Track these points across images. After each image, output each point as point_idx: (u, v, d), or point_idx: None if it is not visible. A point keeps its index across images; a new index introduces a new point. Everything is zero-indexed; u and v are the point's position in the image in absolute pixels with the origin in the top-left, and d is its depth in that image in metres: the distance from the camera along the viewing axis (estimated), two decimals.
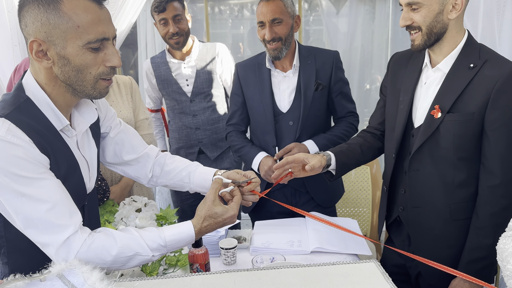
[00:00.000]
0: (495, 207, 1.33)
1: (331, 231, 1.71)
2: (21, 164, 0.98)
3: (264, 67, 2.01)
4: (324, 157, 1.56)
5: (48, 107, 1.06)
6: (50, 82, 1.06)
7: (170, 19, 2.22)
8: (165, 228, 1.15)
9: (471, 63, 1.35)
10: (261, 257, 1.49)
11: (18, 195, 0.98)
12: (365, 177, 2.53)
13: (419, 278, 1.57)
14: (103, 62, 1.05)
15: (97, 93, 1.08)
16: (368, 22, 3.43)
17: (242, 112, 2.10)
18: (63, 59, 1.01)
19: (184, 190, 1.43)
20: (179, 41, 2.28)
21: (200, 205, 1.20)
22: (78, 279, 0.92)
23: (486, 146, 1.34)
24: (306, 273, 1.08)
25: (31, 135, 1.01)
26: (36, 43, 1.00)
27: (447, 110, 1.36)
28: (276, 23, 1.88)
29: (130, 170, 1.39)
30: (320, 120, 2.04)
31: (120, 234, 1.08)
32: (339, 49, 3.38)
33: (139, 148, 1.38)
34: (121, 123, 1.37)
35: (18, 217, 1.01)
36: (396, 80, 1.57)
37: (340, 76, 2.02)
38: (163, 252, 1.13)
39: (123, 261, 1.07)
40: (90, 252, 1.03)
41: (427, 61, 1.46)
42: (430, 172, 1.43)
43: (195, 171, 1.39)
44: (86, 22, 0.99)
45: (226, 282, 1.05)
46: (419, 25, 1.35)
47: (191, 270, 1.43)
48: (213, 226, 1.18)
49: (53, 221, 1.00)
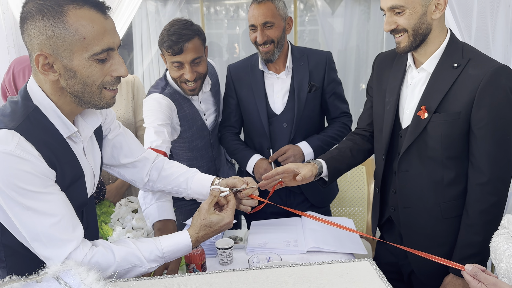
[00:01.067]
0: (484, 204, 1.35)
1: (327, 230, 1.72)
2: (28, 179, 0.98)
3: (257, 69, 2.00)
4: (315, 165, 1.56)
5: (55, 115, 1.06)
6: (56, 93, 1.06)
7: (187, 63, 1.77)
8: (162, 239, 1.16)
9: (455, 63, 1.36)
10: (257, 257, 1.50)
11: (24, 208, 0.99)
12: (360, 176, 2.54)
13: (411, 276, 1.58)
14: (109, 72, 1.05)
15: (104, 103, 1.08)
16: (363, 22, 3.44)
17: (236, 114, 2.08)
18: (69, 72, 1.01)
19: (180, 196, 1.42)
20: (194, 88, 1.84)
21: (195, 215, 1.21)
22: (74, 280, 0.93)
23: (473, 144, 1.36)
24: (302, 272, 1.09)
25: (40, 149, 1.01)
26: (42, 57, 0.99)
27: (434, 111, 1.37)
28: (267, 26, 1.86)
29: (126, 173, 1.38)
30: (314, 121, 2.04)
31: (118, 248, 1.10)
32: (334, 49, 3.39)
33: (137, 152, 1.38)
34: (120, 125, 1.37)
35: (23, 229, 1.02)
36: (381, 80, 1.58)
37: (333, 76, 2.02)
38: (160, 263, 1.15)
39: (121, 274, 1.10)
40: (90, 266, 1.03)
41: (410, 61, 1.47)
42: (419, 172, 1.44)
43: (193, 177, 1.39)
44: (92, 33, 0.99)
45: (222, 281, 1.06)
46: (404, 27, 1.36)
47: (187, 270, 1.44)
48: (210, 235, 1.20)
49: (56, 236, 1.02)
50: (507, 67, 1.33)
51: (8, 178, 0.97)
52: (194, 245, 1.19)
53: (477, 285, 0.99)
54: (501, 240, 1.14)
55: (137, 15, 3.25)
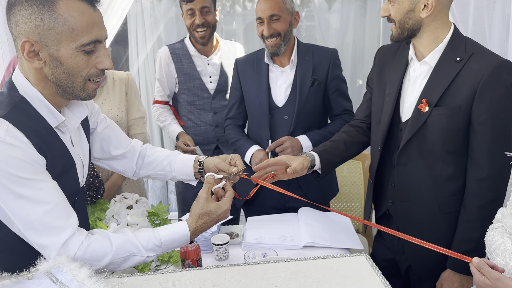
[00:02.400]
0: (482, 200, 1.34)
1: (323, 226, 1.72)
2: (19, 166, 0.97)
3: (263, 62, 2.03)
4: (307, 158, 1.54)
5: (42, 105, 1.06)
6: (40, 82, 1.05)
7: (197, 10, 2.18)
8: (160, 228, 1.15)
9: (457, 57, 1.36)
10: (253, 252, 1.49)
11: (16, 196, 0.98)
12: (357, 172, 2.54)
13: (409, 272, 1.58)
14: (94, 64, 1.05)
15: (85, 95, 1.09)
16: (360, 17, 3.43)
17: (240, 106, 2.13)
18: (55, 61, 1.01)
19: (166, 179, 1.45)
20: (205, 35, 2.23)
21: (193, 205, 1.20)
22: (66, 277, 0.92)
23: (473, 139, 1.35)
24: (297, 267, 1.09)
25: (29, 136, 1.00)
26: (29, 44, 0.99)
27: (435, 104, 1.36)
28: (274, 19, 1.89)
29: (116, 165, 1.39)
30: (315, 116, 2.05)
31: (115, 236, 1.09)
32: (331, 45, 3.38)
33: (125, 142, 1.39)
34: (106, 118, 1.38)
35: (16, 218, 1.00)
36: (382, 73, 1.58)
37: (337, 73, 2.04)
38: (158, 253, 1.13)
39: (118, 263, 1.08)
40: (87, 254, 1.03)
41: (412, 54, 1.47)
42: (418, 166, 1.44)
43: (175, 159, 1.41)
44: (81, 24, 0.99)
45: (217, 277, 1.05)
46: (393, 18, 1.40)
47: (183, 266, 1.43)
48: (208, 224, 1.18)
49: (51, 223, 1.00)
50: (510, 62, 1.32)
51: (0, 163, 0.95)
52: (192, 235, 1.16)
53: (480, 278, 0.99)
54: (495, 234, 1.14)
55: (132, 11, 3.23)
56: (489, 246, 1.16)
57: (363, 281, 1.01)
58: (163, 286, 1.02)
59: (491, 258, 1.12)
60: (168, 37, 3.33)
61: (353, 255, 1.15)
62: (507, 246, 1.08)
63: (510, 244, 1.09)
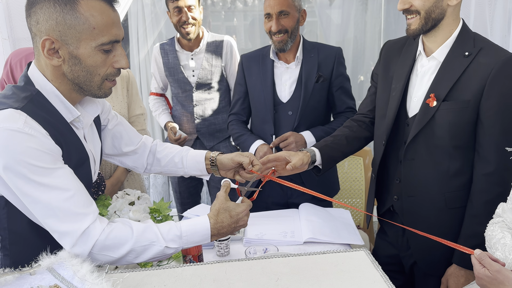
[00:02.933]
0: (489, 194, 1.34)
1: (324, 221, 1.72)
2: (38, 156, 0.99)
3: (268, 58, 2.05)
4: (308, 154, 1.54)
5: (57, 100, 1.08)
6: (57, 79, 1.08)
7: (184, 7, 2.29)
8: (182, 221, 1.16)
9: (466, 51, 1.35)
10: (254, 248, 1.50)
11: (36, 185, 0.99)
12: (358, 167, 2.54)
13: (414, 268, 1.57)
14: (112, 63, 1.08)
15: (102, 93, 1.12)
16: (361, 13, 3.42)
17: (244, 102, 2.15)
18: (74, 59, 1.04)
19: (178, 175, 1.47)
20: (190, 31, 2.34)
21: (214, 203, 1.22)
22: (68, 272, 0.93)
23: (481, 134, 1.35)
24: (297, 262, 1.09)
25: (46, 128, 1.03)
26: (49, 41, 1.01)
27: (443, 99, 1.36)
28: (283, 15, 1.92)
29: (128, 161, 1.41)
30: (319, 113, 2.06)
31: (137, 224, 1.09)
32: (332, 40, 3.37)
33: (136, 139, 1.42)
34: (117, 115, 1.40)
35: (37, 206, 1.01)
36: (388, 67, 1.57)
37: (341, 71, 2.06)
38: (178, 245, 1.11)
39: (138, 251, 1.07)
40: (108, 241, 1.03)
41: (421, 49, 1.46)
42: (425, 161, 1.43)
43: (186, 155, 1.43)
44: (101, 24, 1.02)
45: (217, 272, 1.06)
46: (417, 9, 1.34)
47: (184, 262, 1.44)
48: (228, 220, 1.16)
49: (72, 210, 1.01)
50: None
51: (18, 156, 0.97)
52: (213, 229, 1.14)
53: (481, 269, 0.99)
54: (496, 228, 1.14)
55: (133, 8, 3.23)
56: (489, 240, 1.16)
57: (363, 276, 1.01)
58: (164, 281, 1.02)
59: (490, 253, 1.12)
60: (168, 33, 3.33)
61: (353, 251, 1.15)
62: (507, 240, 1.09)
63: (510, 239, 1.09)
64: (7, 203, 1.07)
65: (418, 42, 1.48)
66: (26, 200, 1.01)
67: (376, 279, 0.99)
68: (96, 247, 1.02)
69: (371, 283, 0.98)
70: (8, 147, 0.96)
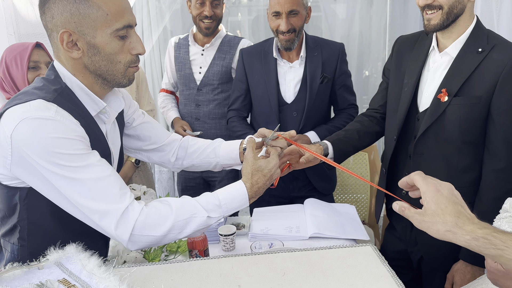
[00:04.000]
0: (498, 191, 1.34)
1: (329, 217, 1.72)
2: (72, 143, 1.00)
3: (271, 56, 2.01)
4: (320, 147, 1.55)
5: (83, 93, 1.10)
6: (79, 73, 1.09)
7: (208, 1, 2.20)
8: (217, 190, 1.17)
9: (479, 48, 1.35)
10: (259, 243, 1.50)
11: (72, 168, 1.00)
12: (363, 163, 2.54)
13: (421, 263, 1.57)
14: (129, 50, 1.09)
15: (126, 80, 1.13)
16: (366, 7, 3.40)
17: (245, 99, 2.11)
18: (93, 49, 1.05)
19: (211, 166, 1.47)
20: (210, 26, 2.26)
21: (243, 166, 1.22)
22: (75, 266, 0.93)
23: (492, 130, 1.35)
24: (303, 257, 1.09)
25: (77, 118, 1.05)
26: (67, 34, 1.03)
27: (454, 94, 1.36)
28: (292, 14, 1.88)
29: (155, 157, 1.43)
30: (323, 112, 2.07)
31: (174, 199, 1.10)
32: (337, 35, 3.35)
33: (164, 136, 1.43)
34: (144, 114, 1.41)
35: (75, 188, 1.00)
36: (400, 63, 1.57)
37: (344, 69, 2.05)
38: (219, 214, 1.12)
39: (180, 226, 1.07)
40: (149, 219, 1.04)
41: (434, 44, 1.45)
42: (434, 156, 1.43)
43: (219, 146, 1.44)
44: (114, 10, 1.04)
45: (224, 266, 1.06)
46: (440, 4, 1.34)
47: (190, 256, 1.45)
48: (263, 179, 1.19)
49: (111, 190, 1.02)
50: None
51: (52, 143, 0.98)
52: (250, 192, 1.16)
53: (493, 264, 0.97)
54: (503, 224, 1.14)
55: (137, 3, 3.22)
56: None
57: (370, 271, 1.01)
58: (171, 275, 1.03)
59: None
60: (173, 28, 3.32)
61: (360, 245, 1.15)
62: None
63: None
64: (28, 195, 1.08)
65: (431, 38, 1.47)
66: (62, 185, 1.01)
67: (383, 274, 0.99)
68: (137, 227, 1.02)
69: (378, 278, 0.98)
70: (41, 135, 0.98)
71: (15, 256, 1.13)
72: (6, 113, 1.01)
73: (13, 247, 1.13)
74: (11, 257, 1.14)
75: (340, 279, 0.98)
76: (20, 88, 1.76)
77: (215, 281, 1.00)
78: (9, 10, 2.13)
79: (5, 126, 1.00)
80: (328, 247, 1.14)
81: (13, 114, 0.99)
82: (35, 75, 1.77)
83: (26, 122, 0.97)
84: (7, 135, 0.99)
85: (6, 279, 0.91)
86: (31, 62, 1.75)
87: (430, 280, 1.58)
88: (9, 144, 0.99)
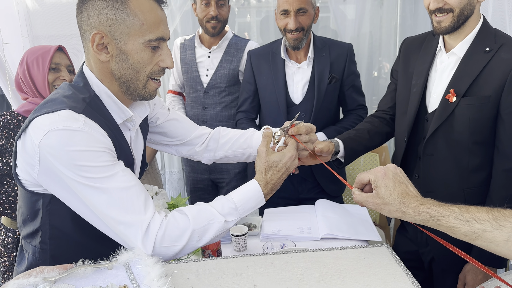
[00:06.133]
0: (509, 190, 1.33)
1: (341, 217, 1.72)
2: (98, 155, 1.01)
3: (279, 57, 2.01)
4: (332, 143, 1.55)
5: (110, 101, 1.11)
6: (106, 79, 1.10)
7: (213, 1, 2.20)
8: (231, 193, 1.17)
9: (487, 47, 1.34)
10: (271, 243, 1.50)
11: (98, 179, 1.00)
12: (374, 164, 2.53)
13: (432, 264, 1.57)
14: (157, 62, 1.10)
15: (147, 94, 1.13)
16: (376, 8, 3.39)
17: (253, 100, 2.11)
18: (122, 55, 1.06)
19: (244, 157, 1.46)
20: (216, 26, 2.25)
21: (256, 162, 1.22)
22: (141, 272, 0.92)
23: (501, 129, 1.34)
24: (318, 257, 1.09)
25: (104, 128, 1.05)
26: (99, 36, 1.04)
27: (463, 94, 1.35)
28: (300, 13, 1.89)
29: (183, 150, 1.45)
30: (331, 113, 2.06)
31: (189, 208, 1.11)
32: (346, 36, 3.35)
33: (192, 130, 1.44)
34: (170, 110, 1.42)
35: (100, 199, 1.01)
36: (408, 64, 1.57)
37: (352, 69, 2.04)
38: (236, 216, 1.13)
39: (200, 234, 1.08)
40: (168, 231, 1.05)
41: (441, 45, 1.45)
42: (444, 156, 1.43)
43: (252, 136, 1.44)
44: (150, 20, 1.05)
45: (239, 266, 1.07)
46: (451, 7, 1.34)
47: (203, 256, 1.46)
48: (277, 175, 1.18)
49: (136, 201, 1.03)
50: None
51: (80, 154, 0.98)
52: (265, 190, 1.16)
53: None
54: None
55: None
56: None
57: (385, 271, 1.01)
58: (187, 274, 1.04)
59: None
60: (184, 30, 3.34)
61: (375, 246, 1.15)
62: None
63: None
64: (51, 201, 1.09)
65: (438, 39, 1.47)
66: (88, 196, 1.01)
67: (399, 275, 0.99)
68: (157, 240, 1.03)
69: (394, 278, 0.98)
70: (68, 147, 0.98)
71: (37, 258, 1.14)
72: (35, 121, 1.01)
73: (35, 250, 1.14)
74: (32, 259, 1.15)
75: (356, 279, 0.98)
76: (39, 89, 1.79)
77: (231, 280, 1.00)
78: (23, 12, 2.16)
79: (33, 134, 1.00)
80: (343, 248, 1.14)
81: (42, 123, 0.99)
82: (55, 77, 1.82)
83: (54, 132, 0.97)
84: (35, 144, 0.99)
85: (76, 276, 0.90)
86: (52, 64, 1.80)
87: (442, 281, 1.57)
88: (37, 153, 0.99)
